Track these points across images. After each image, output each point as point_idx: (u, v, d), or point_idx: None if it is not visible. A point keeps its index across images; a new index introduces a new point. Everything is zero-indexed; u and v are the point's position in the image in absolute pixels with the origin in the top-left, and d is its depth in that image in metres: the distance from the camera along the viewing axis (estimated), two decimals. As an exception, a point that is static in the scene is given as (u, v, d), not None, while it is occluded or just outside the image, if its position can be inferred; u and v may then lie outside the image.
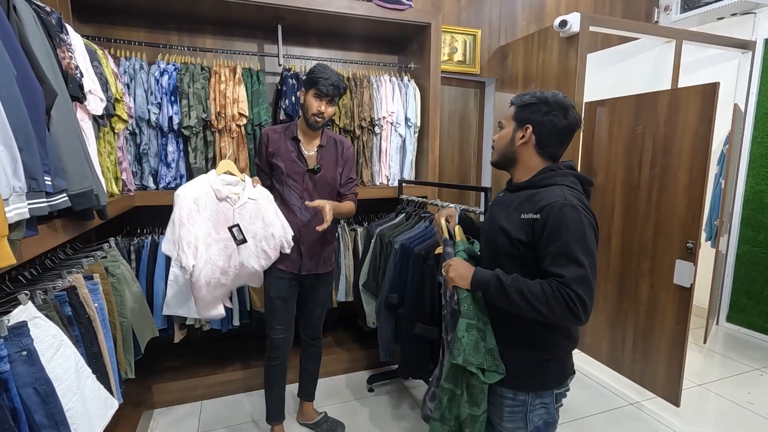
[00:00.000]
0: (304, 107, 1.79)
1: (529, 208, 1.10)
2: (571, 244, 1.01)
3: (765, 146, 3.09)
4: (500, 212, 1.19)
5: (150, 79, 2.14)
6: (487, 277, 1.10)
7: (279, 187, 1.85)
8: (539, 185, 1.14)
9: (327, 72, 1.74)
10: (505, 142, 1.20)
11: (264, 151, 1.85)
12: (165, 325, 2.24)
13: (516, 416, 1.18)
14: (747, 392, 2.46)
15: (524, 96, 1.18)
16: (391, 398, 2.40)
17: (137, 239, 2.25)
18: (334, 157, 1.90)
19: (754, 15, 3.12)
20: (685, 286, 2.10)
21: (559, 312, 1.00)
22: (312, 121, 1.78)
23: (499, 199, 1.27)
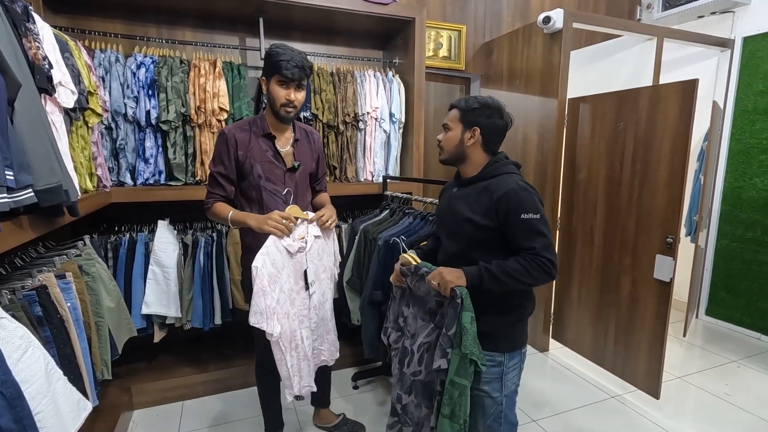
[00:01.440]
0: (270, 98, 1.56)
1: (488, 197, 1.28)
2: (532, 221, 1.23)
3: (743, 143, 3.15)
4: (461, 205, 1.36)
5: (126, 72, 2.08)
6: (477, 271, 1.25)
7: (254, 195, 1.62)
8: (489, 176, 1.34)
9: (287, 52, 1.49)
10: (455, 143, 1.37)
11: (231, 154, 1.57)
12: (144, 324, 2.19)
13: (492, 378, 1.33)
14: (725, 384, 2.52)
15: (469, 101, 1.35)
16: (375, 395, 2.39)
17: (114, 237, 2.20)
18: (309, 151, 1.75)
19: (732, 14, 3.17)
20: (665, 281, 2.13)
21: (539, 277, 1.22)
22: (283, 113, 1.55)
23: (455, 194, 1.42)
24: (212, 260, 2.28)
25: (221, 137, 1.59)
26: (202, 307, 2.26)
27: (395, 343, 1.52)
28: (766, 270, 3.03)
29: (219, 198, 1.61)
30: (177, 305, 2.20)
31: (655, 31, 2.89)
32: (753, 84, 3.07)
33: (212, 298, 2.28)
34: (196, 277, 2.25)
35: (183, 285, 2.23)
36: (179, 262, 2.22)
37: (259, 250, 1.45)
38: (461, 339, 1.20)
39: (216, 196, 1.61)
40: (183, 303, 2.23)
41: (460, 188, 1.42)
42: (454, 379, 1.22)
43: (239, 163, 1.59)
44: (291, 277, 1.56)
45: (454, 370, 1.22)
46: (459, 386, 1.22)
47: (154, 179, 2.19)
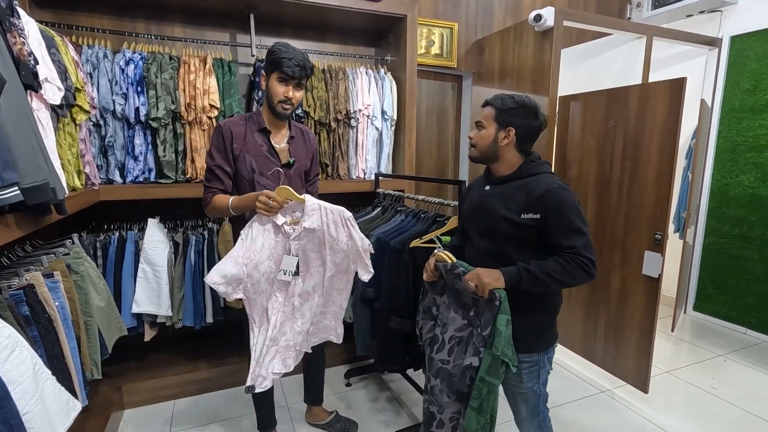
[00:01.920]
0: (268, 94, 1.59)
1: (526, 196, 1.29)
2: (573, 219, 1.24)
3: (730, 141, 3.19)
4: (496, 203, 1.35)
5: (114, 69, 2.05)
6: (516, 272, 1.25)
7: (247, 189, 1.62)
8: (526, 176, 1.34)
9: (290, 51, 1.54)
10: (488, 141, 1.36)
11: (227, 148, 1.59)
12: (135, 323, 2.17)
13: (532, 375, 1.38)
14: (711, 378, 2.56)
15: (505, 100, 1.33)
16: (368, 392, 2.40)
17: (104, 235, 2.17)
18: (304, 149, 1.77)
19: (720, 13, 3.21)
20: (654, 277, 2.16)
21: (579, 277, 1.22)
22: (279, 109, 1.58)
23: (488, 192, 1.41)
24: (203, 258, 2.26)
25: (217, 131, 1.61)
26: (193, 305, 2.25)
27: (428, 333, 1.52)
28: (752, 266, 3.09)
29: (218, 192, 1.61)
30: (168, 304, 2.18)
31: (645, 29, 2.92)
32: (740, 82, 3.12)
33: (203, 297, 2.27)
34: (187, 275, 2.23)
35: (174, 283, 2.21)
36: (170, 260, 2.20)
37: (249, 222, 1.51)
38: (494, 340, 1.21)
39: (215, 190, 1.61)
40: (174, 302, 2.21)
41: (493, 186, 1.40)
42: (485, 377, 1.24)
43: (234, 156, 1.60)
44: (272, 258, 1.54)
45: (486, 368, 1.24)
46: (488, 384, 1.24)
47: (144, 177, 2.17)
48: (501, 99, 1.34)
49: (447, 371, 1.39)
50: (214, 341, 2.61)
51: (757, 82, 3.03)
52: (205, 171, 1.64)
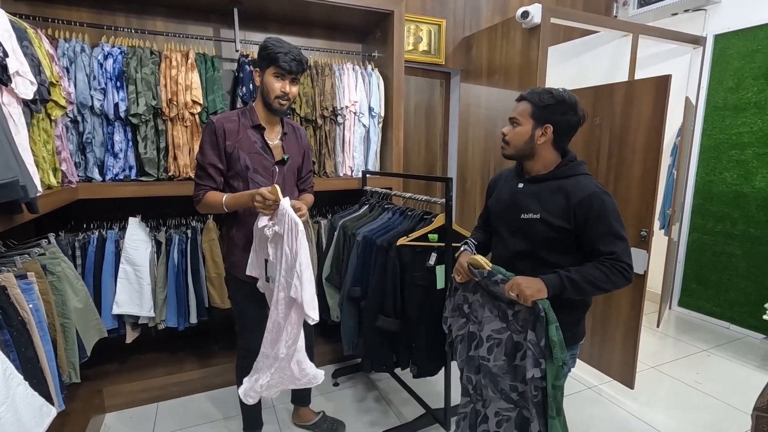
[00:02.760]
0: (263, 90, 1.55)
1: (564, 198, 1.25)
2: (613, 224, 1.21)
3: (714, 138, 3.23)
4: (530, 203, 1.31)
5: (92, 63, 1.99)
6: (558, 281, 1.22)
7: (240, 186, 1.58)
8: (563, 176, 1.29)
9: (284, 45, 1.51)
10: (524, 139, 1.30)
11: (220, 145, 1.55)
12: (116, 324, 2.12)
13: None
14: (696, 372, 2.59)
15: (542, 96, 1.27)
16: (356, 392, 2.38)
17: (83, 234, 2.11)
18: (297, 146, 1.73)
19: (704, 11, 3.25)
20: (639, 273, 2.17)
21: (619, 282, 1.20)
22: (276, 105, 1.55)
23: (522, 190, 1.36)
24: (187, 258, 2.22)
25: (209, 127, 1.56)
26: (176, 306, 2.20)
27: (459, 330, 1.49)
28: (735, 262, 3.13)
29: (210, 189, 1.57)
30: (150, 304, 2.13)
31: (631, 27, 2.94)
32: (723, 81, 3.16)
33: (187, 297, 2.22)
34: (170, 275, 2.18)
35: (156, 283, 2.16)
36: (152, 260, 2.15)
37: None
38: (551, 350, 1.19)
39: (207, 188, 1.57)
40: (156, 302, 2.16)
41: (527, 184, 1.35)
42: (555, 384, 1.22)
43: (227, 153, 1.56)
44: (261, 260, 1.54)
45: (553, 377, 1.22)
46: (559, 387, 1.23)
47: (124, 174, 2.12)
48: (538, 94, 1.28)
49: (488, 369, 1.36)
50: (198, 341, 2.56)
51: (739, 80, 3.07)
52: (195, 168, 1.59)
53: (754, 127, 3.00)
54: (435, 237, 1.82)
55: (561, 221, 1.24)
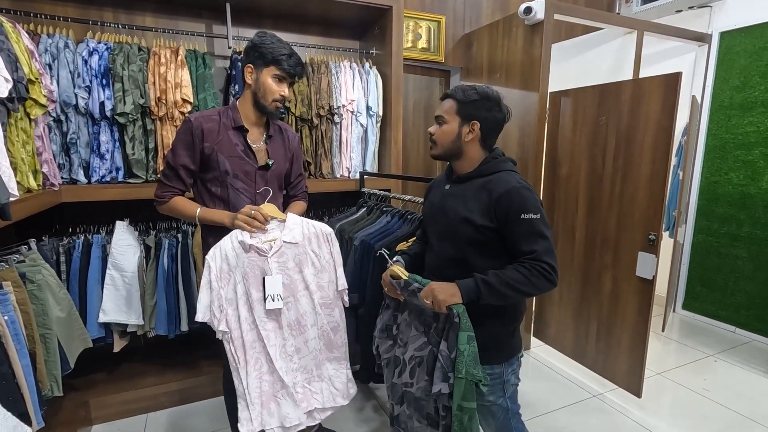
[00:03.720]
0: (258, 90, 1.43)
1: (486, 195, 1.20)
2: (534, 221, 1.15)
3: (719, 138, 3.16)
4: (456, 203, 1.26)
5: (77, 60, 1.90)
6: (473, 284, 1.15)
7: (219, 191, 1.48)
8: (487, 173, 1.25)
9: (285, 45, 1.41)
10: (451, 137, 1.26)
11: (196, 146, 1.42)
12: (102, 333, 2.03)
13: (496, 388, 1.28)
14: (703, 379, 2.52)
15: (467, 91, 1.24)
16: (354, 401, 2.27)
17: (68, 239, 2.02)
18: (283, 149, 1.60)
19: (710, 8, 3.17)
20: (648, 278, 2.10)
21: (541, 285, 1.13)
22: (272, 108, 1.45)
23: (449, 192, 1.32)
24: (177, 263, 2.13)
25: (186, 126, 1.43)
26: (166, 313, 2.11)
27: (386, 353, 1.42)
28: (741, 264, 3.07)
29: (177, 192, 1.47)
30: (139, 312, 2.04)
31: (636, 24, 2.86)
32: (729, 79, 3.09)
33: (178, 304, 2.14)
34: (160, 281, 2.10)
35: (145, 290, 2.08)
36: (140, 265, 2.06)
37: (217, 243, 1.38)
38: (455, 362, 1.11)
39: (174, 190, 1.46)
40: (145, 309, 2.07)
41: (453, 185, 1.31)
42: (462, 404, 1.13)
43: (204, 155, 1.44)
44: (248, 281, 1.39)
45: (461, 395, 1.13)
46: (468, 410, 1.14)
47: (111, 176, 2.03)
48: (462, 90, 1.24)
49: (412, 395, 1.28)
50: (189, 350, 2.47)
51: (746, 78, 3.00)
52: (164, 166, 1.47)
53: (761, 126, 2.93)
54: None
55: (483, 219, 1.19)
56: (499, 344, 1.27)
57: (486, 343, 1.19)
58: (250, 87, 1.46)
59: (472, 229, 1.21)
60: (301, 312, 1.45)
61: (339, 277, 1.49)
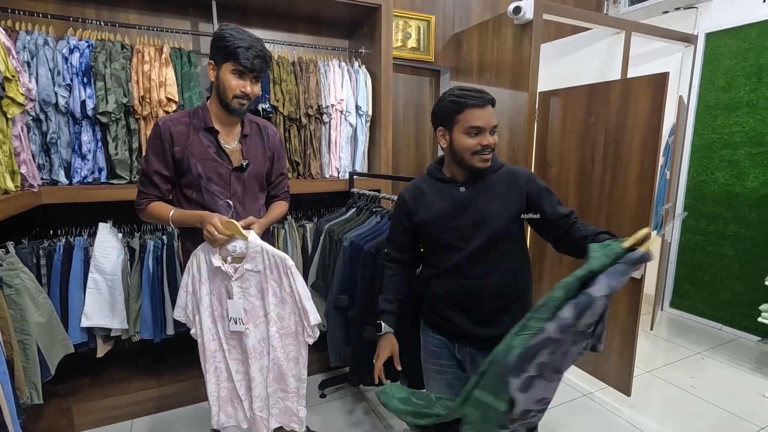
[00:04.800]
0: (219, 87, 1.35)
1: (518, 184, 1.26)
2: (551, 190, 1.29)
3: (706, 138, 3.20)
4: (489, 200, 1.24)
5: (56, 57, 1.85)
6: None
7: (194, 195, 1.42)
8: (495, 169, 1.28)
9: (245, 37, 1.30)
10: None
11: (165, 151, 1.36)
12: (85, 338, 1.98)
13: None
14: (691, 377, 2.54)
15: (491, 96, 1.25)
16: (344, 403, 2.28)
17: (48, 242, 1.97)
18: (261, 148, 1.52)
19: (696, 9, 3.21)
20: (636, 278, 2.11)
21: None
22: (235, 105, 1.35)
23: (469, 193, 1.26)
24: (163, 265, 2.08)
25: (154, 131, 1.38)
26: (151, 316, 2.07)
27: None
28: (727, 262, 3.10)
29: (154, 198, 1.43)
30: (123, 316, 2.00)
31: (624, 24, 2.88)
32: (715, 80, 3.12)
33: (163, 307, 2.09)
34: (145, 284, 2.05)
35: (129, 293, 2.03)
36: (125, 268, 2.02)
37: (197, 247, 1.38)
38: None
39: (150, 197, 1.42)
40: (130, 313, 2.03)
41: (469, 185, 1.26)
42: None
43: (176, 160, 1.38)
44: (213, 296, 1.39)
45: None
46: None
47: (94, 177, 1.97)
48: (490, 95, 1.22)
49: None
50: (176, 354, 2.42)
51: (731, 79, 3.03)
52: (139, 174, 1.44)
53: (746, 126, 2.96)
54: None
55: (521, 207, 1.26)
56: None
57: None
58: (213, 85, 1.39)
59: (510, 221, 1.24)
60: (259, 339, 1.40)
61: (309, 311, 1.36)
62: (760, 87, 2.88)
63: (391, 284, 1.41)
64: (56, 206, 1.89)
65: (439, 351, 1.37)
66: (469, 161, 1.21)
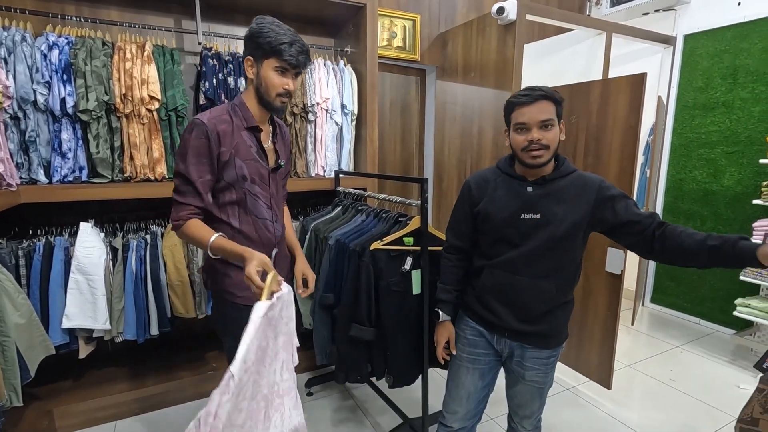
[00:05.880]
0: (260, 85, 1.26)
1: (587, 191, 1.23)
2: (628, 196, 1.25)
3: (684, 137, 3.28)
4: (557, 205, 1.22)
5: (35, 54, 1.81)
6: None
7: (234, 197, 1.29)
8: (567, 173, 1.26)
9: (286, 32, 1.22)
10: (557, 140, 1.23)
11: (212, 152, 1.23)
12: (66, 339, 1.95)
13: (554, 366, 1.38)
14: (670, 370, 2.61)
15: (556, 92, 1.23)
16: (331, 401, 2.28)
17: (27, 242, 1.93)
18: (285, 147, 1.47)
19: (674, 11, 3.28)
20: (616, 273, 2.16)
21: None
22: (277, 103, 1.28)
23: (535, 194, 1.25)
24: (146, 265, 2.06)
25: (198, 129, 1.22)
26: (135, 316, 2.05)
27: None
28: (705, 258, 3.18)
29: (195, 211, 1.24)
30: (105, 316, 1.97)
31: (605, 26, 2.93)
32: (693, 80, 3.20)
33: (147, 307, 2.07)
34: (128, 284, 2.03)
35: (112, 293, 2.00)
36: (107, 267, 1.99)
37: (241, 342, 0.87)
38: None
39: (191, 209, 1.23)
40: (113, 313, 2.00)
41: (537, 187, 1.25)
42: None
43: (220, 162, 1.25)
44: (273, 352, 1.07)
45: None
46: None
47: (74, 176, 1.94)
48: (552, 92, 1.22)
49: None
50: (160, 354, 2.40)
51: (708, 80, 3.11)
52: (177, 181, 1.24)
53: (722, 126, 3.05)
54: (411, 240, 1.74)
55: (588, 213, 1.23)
56: (563, 328, 1.35)
57: (559, 330, 1.32)
58: (252, 82, 1.29)
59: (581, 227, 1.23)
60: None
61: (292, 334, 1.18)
62: (735, 88, 2.97)
63: (450, 275, 1.45)
64: (35, 206, 1.86)
65: (477, 340, 1.39)
66: (522, 158, 1.23)
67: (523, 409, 1.43)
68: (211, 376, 2.27)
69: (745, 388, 2.41)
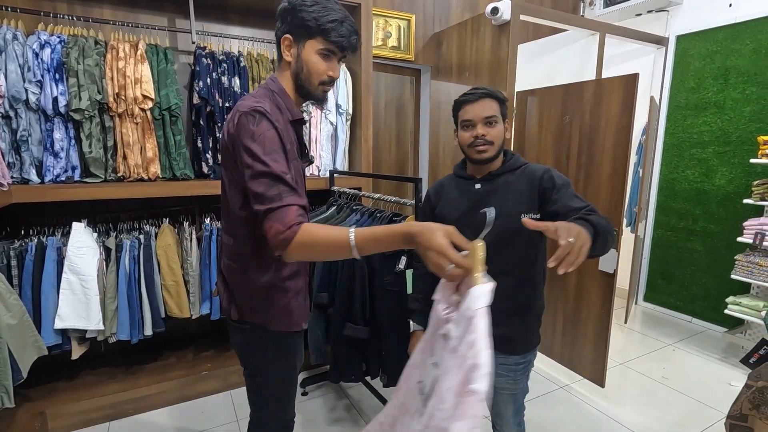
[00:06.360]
0: (300, 70, 1.06)
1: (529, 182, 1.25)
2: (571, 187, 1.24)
3: (677, 137, 3.31)
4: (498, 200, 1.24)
5: (27, 53, 1.80)
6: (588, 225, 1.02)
7: None
8: (515, 168, 1.29)
9: (334, 7, 1.03)
10: (502, 138, 1.28)
11: (285, 145, 1.00)
12: (59, 340, 1.94)
13: (526, 373, 1.37)
14: (662, 367, 2.64)
15: (499, 92, 1.29)
16: (326, 401, 2.29)
17: (19, 242, 1.92)
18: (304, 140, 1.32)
19: (667, 13, 3.31)
20: (609, 272, 2.17)
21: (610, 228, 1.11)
22: (319, 93, 1.09)
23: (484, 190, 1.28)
24: (140, 265, 2.06)
25: (267, 120, 0.97)
26: (129, 317, 2.04)
27: None
28: (697, 257, 3.22)
29: (300, 212, 0.93)
30: (98, 317, 1.96)
31: (599, 26, 2.95)
32: (685, 81, 3.23)
33: (141, 307, 2.07)
34: (121, 284, 2.02)
35: (106, 294, 2.00)
36: (100, 268, 1.98)
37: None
38: None
39: (296, 209, 0.92)
40: (106, 314, 2.00)
41: (484, 183, 1.29)
42: None
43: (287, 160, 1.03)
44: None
45: None
46: None
47: (67, 176, 1.93)
48: (495, 91, 1.28)
49: None
50: (155, 354, 2.39)
51: (700, 80, 3.14)
52: (257, 185, 0.94)
53: (713, 126, 3.08)
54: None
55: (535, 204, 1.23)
56: (532, 334, 1.35)
57: (526, 336, 1.31)
58: (289, 65, 1.07)
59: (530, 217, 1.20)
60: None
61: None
62: (726, 88, 3.00)
63: (420, 283, 1.46)
64: (27, 206, 1.85)
65: None
66: (469, 154, 1.28)
67: (498, 417, 1.45)
68: (205, 376, 2.27)
69: (736, 385, 2.44)
